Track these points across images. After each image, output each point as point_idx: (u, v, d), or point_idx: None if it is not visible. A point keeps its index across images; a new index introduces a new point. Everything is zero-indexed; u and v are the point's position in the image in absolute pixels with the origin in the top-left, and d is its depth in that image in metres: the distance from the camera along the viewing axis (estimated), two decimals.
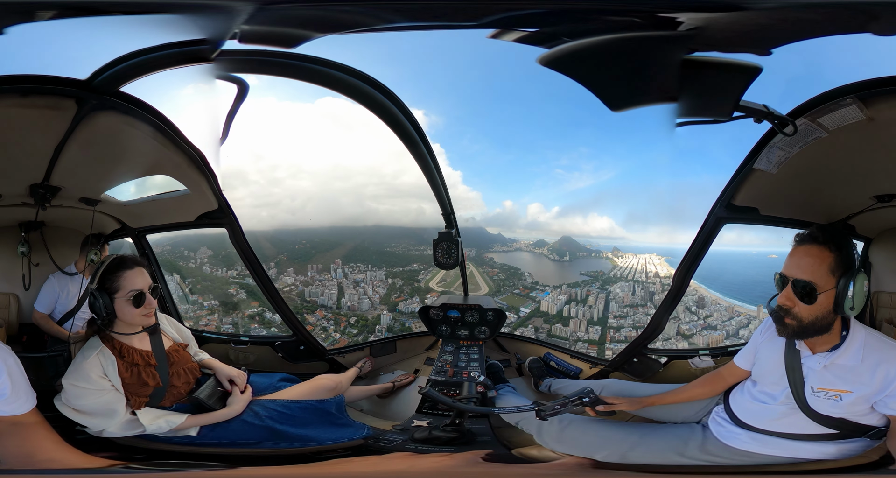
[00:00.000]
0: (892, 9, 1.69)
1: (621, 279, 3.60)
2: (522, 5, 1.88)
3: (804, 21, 1.76)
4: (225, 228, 2.64)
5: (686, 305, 3.15)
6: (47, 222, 2.42)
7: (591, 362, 2.99)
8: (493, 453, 2.12)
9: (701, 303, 3.15)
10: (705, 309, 3.14)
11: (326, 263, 3.76)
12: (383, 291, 3.81)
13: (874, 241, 2.22)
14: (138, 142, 2.16)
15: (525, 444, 2.17)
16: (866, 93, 1.83)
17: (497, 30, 1.92)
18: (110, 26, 1.79)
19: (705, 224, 2.40)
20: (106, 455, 1.95)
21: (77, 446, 1.93)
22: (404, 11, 1.90)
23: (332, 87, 2.18)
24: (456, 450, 2.10)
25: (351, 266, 3.80)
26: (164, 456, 2.01)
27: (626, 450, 1.97)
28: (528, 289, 3.86)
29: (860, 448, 1.80)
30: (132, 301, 1.94)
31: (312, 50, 2.01)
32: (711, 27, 1.77)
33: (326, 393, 2.27)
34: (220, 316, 3.31)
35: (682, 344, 3.06)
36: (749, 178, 2.21)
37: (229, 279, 3.39)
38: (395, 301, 3.80)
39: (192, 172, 2.37)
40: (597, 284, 3.65)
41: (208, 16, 1.81)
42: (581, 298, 3.63)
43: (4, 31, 1.72)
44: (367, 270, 3.84)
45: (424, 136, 2.52)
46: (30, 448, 1.85)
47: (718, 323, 3.13)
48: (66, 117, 1.92)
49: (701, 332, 3.13)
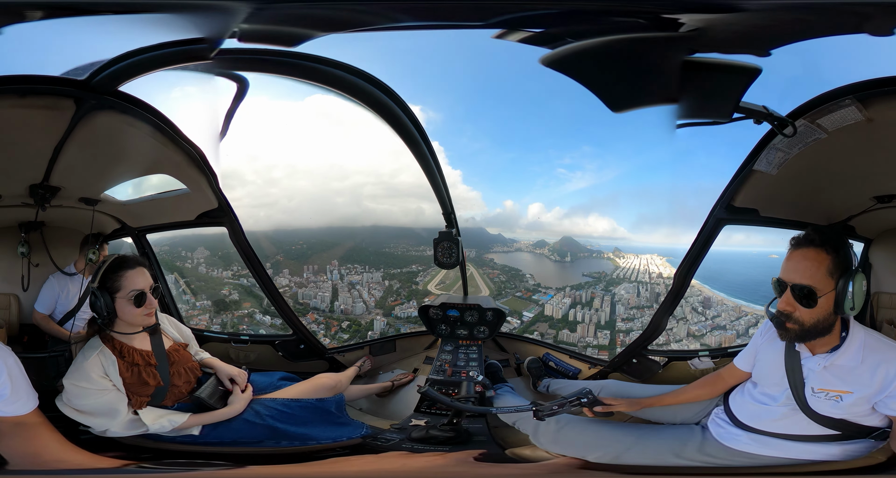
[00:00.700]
0: (890, 9, 1.68)
1: (625, 280, 3.55)
2: (524, 6, 1.88)
3: (803, 22, 1.76)
4: (225, 228, 2.64)
5: (692, 305, 3.14)
6: (47, 223, 2.42)
7: (590, 363, 2.99)
8: (487, 453, 2.12)
9: (707, 303, 3.13)
10: (712, 309, 3.13)
11: (323, 263, 3.68)
12: (379, 293, 3.73)
13: (874, 242, 2.22)
14: (138, 141, 2.16)
15: (521, 444, 2.17)
16: (865, 93, 1.82)
17: (500, 30, 1.92)
18: (108, 26, 1.79)
19: (705, 225, 2.40)
20: (109, 455, 1.95)
21: (81, 447, 1.93)
22: (404, 11, 1.90)
23: (331, 86, 2.17)
24: (450, 449, 2.11)
25: (347, 267, 3.72)
26: (166, 456, 2.01)
27: (622, 451, 1.97)
28: (531, 291, 3.78)
29: (865, 449, 1.79)
30: (133, 301, 1.95)
31: (311, 49, 2.01)
32: (711, 28, 1.77)
33: (326, 392, 2.28)
34: (210, 316, 3.30)
35: (694, 345, 3.04)
36: (749, 179, 2.21)
37: (224, 280, 3.37)
38: (391, 305, 3.72)
39: (191, 171, 2.37)
40: (600, 285, 3.58)
41: (206, 15, 1.81)
42: (586, 300, 3.56)
43: (3, 31, 1.72)
44: (363, 272, 3.76)
45: (425, 134, 2.51)
46: (35, 448, 1.86)
47: (727, 323, 3.11)
48: (65, 117, 1.92)
49: (712, 332, 3.11)
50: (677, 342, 3.02)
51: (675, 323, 3.10)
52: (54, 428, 1.90)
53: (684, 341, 3.06)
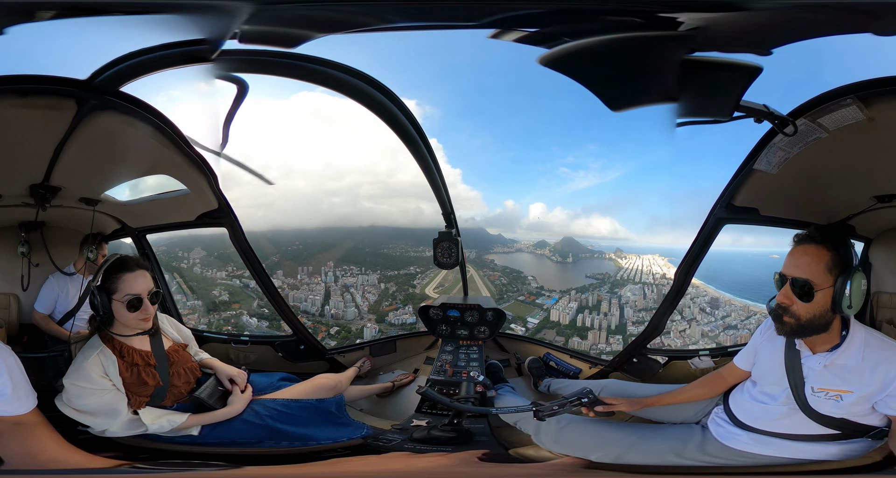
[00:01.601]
0: (892, 8, 1.68)
1: (629, 282, 3.50)
2: (521, 5, 1.88)
3: (804, 21, 1.76)
4: (225, 228, 2.64)
5: (700, 306, 3.12)
6: (47, 222, 2.42)
7: (591, 363, 2.99)
8: (490, 453, 2.12)
9: (715, 304, 3.11)
10: (720, 309, 3.11)
11: (318, 265, 3.59)
12: (374, 297, 3.62)
13: (874, 241, 2.22)
14: (138, 142, 2.16)
15: (523, 444, 2.17)
16: (866, 93, 1.83)
17: (497, 30, 1.92)
18: (110, 26, 1.79)
19: (705, 225, 2.40)
20: (107, 455, 1.95)
21: (79, 446, 1.93)
22: (401, 12, 1.90)
23: (330, 86, 2.17)
24: (453, 450, 2.11)
25: (343, 269, 3.62)
26: (165, 456, 2.01)
27: (623, 451, 1.97)
28: (534, 295, 3.69)
29: (863, 449, 1.80)
30: (127, 305, 1.93)
31: (309, 50, 2.00)
32: (711, 27, 1.77)
33: (326, 392, 2.28)
34: (199, 316, 3.27)
35: (710, 344, 3.02)
36: (749, 178, 2.21)
37: (216, 281, 3.33)
38: (385, 310, 3.58)
39: (191, 172, 2.37)
40: (605, 287, 3.51)
41: (207, 16, 1.81)
42: (593, 304, 3.45)
43: (4, 31, 1.72)
44: (359, 274, 3.65)
45: (423, 134, 2.50)
46: (32, 448, 1.85)
47: (738, 322, 3.09)
48: (66, 117, 1.92)
49: (726, 331, 3.09)
50: (694, 344, 2.98)
51: (686, 325, 3.07)
52: (53, 428, 1.89)
53: (700, 342, 3.02)
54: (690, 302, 3.10)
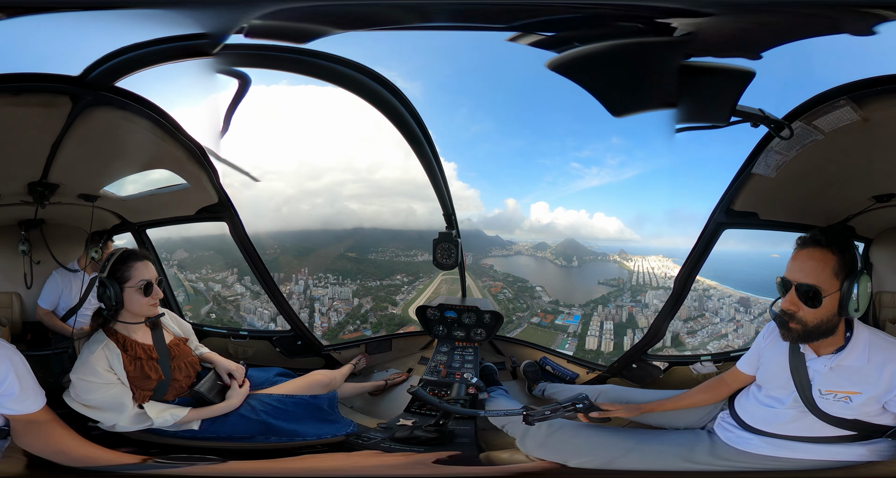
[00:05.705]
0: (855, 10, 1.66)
1: (647, 286, 3.23)
2: (520, 10, 1.87)
3: (789, 23, 1.73)
4: (225, 222, 2.67)
5: (734, 307, 2.96)
6: (47, 220, 2.47)
7: (588, 367, 2.96)
8: (459, 456, 2.09)
9: (745, 303, 2.96)
10: (753, 308, 2.98)
11: (290, 272, 3.16)
12: (340, 317, 3.05)
13: (874, 241, 2.21)
14: (136, 137, 2.17)
15: (505, 447, 2.14)
16: (859, 93, 1.80)
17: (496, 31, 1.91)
18: (102, 21, 1.80)
19: (705, 229, 2.39)
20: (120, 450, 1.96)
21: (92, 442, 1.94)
22: (402, 11, 1.90)
23: (332, 82, 2.14)
24: (426, 450, 2.09)
25: (318, 277, 3.15)
26: (170, 450, 2.03)
27: (615, 456, 1.93)
28: (549, 313, 3.18)
29: (889, 449, 1.75)
30: (142, 290, 1.99)
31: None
32: (701, 32, 1.75)
33: (321, 388, 2.30)
34: None
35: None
36: (748, 182, 2.20)
37: (185, 280, 3.17)
38: (341, 339, 2.98)
39: (191, 166, 2.39)
40: (626, 295, 3.14)
41: (205, 10, 1.83)
42: (626, 318, 2.95)
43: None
44: (332, 285, 3.16)
45: (427, 132, 2.41)
46: (56, 445, 1.87)
47: None
48: (62, 114, 1.94)
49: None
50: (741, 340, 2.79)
51: (726, 326, 2.86)
52: (65, 424, 1.91)
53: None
54: (720, 304, 2.91)
